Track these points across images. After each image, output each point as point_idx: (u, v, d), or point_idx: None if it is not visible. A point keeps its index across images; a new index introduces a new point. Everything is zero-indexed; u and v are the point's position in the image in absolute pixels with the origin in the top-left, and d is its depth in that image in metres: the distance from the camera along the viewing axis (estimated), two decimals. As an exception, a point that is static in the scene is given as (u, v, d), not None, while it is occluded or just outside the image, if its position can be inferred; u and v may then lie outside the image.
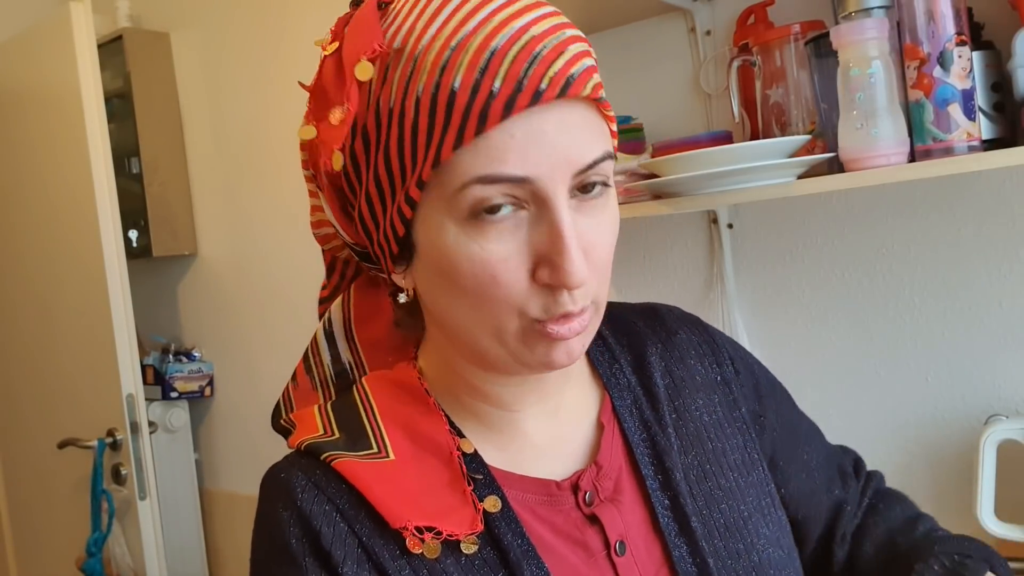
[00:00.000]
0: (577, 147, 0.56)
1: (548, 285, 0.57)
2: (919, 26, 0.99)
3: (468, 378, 0.66)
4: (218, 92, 2.26)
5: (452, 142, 0.54)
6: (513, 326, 0.59)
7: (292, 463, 0.64)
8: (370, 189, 0.60)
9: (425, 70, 0.55)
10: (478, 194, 0.55)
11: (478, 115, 0.54)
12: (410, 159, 0.57)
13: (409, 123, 0.56)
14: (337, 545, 0.59)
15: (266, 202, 2.18)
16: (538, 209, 0.57)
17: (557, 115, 0.56)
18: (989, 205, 1.24)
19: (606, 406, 0.71)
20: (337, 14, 0.67)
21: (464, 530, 0.60)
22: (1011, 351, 1.25)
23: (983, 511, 1.16)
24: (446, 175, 0.56)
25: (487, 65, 0.54)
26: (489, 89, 0.54)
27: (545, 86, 0.54)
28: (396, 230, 0.60)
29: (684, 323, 0.78)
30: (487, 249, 0.56)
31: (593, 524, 0.65)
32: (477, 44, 0.54)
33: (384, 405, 0.66)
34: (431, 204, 0.58)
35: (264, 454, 0.66)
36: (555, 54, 0.55)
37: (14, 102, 2.27)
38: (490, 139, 0.54)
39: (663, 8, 1.41)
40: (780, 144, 1.10)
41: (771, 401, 0.79)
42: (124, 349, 2.05)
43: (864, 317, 1.35)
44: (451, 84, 0.54)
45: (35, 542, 2.48)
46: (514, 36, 0.55)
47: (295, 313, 2.13)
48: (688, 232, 1.51)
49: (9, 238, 2.37)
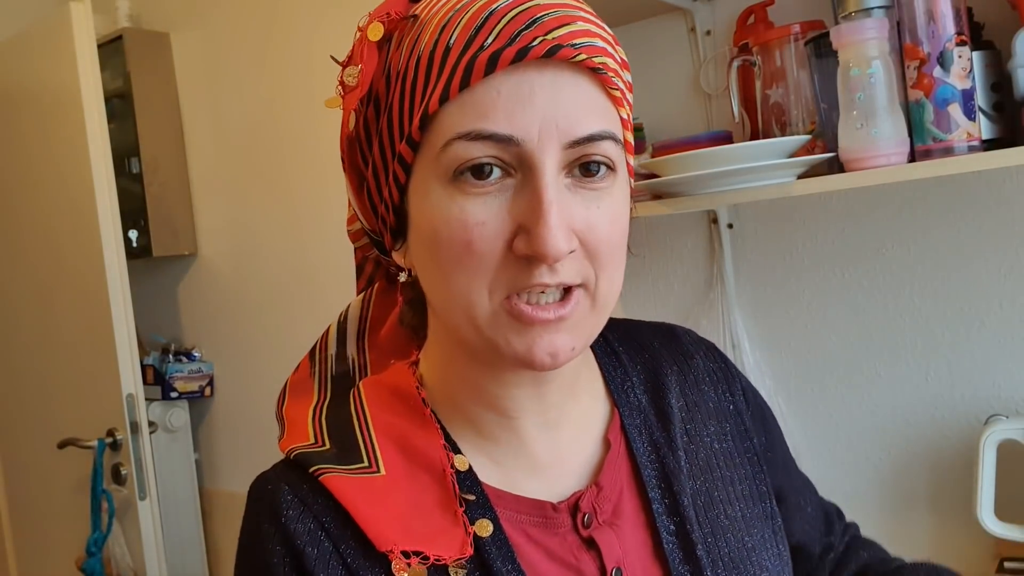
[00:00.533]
0: (568, 115, 0.54)
1: (524, 256, 0.54)
2: (919, 26, 0.99)
3: (464, 372, 0.63)
4: (218, 92, 2.26)
5: (439, 95, 0.54)
6: (484, 306, 0.56)
7: (280, 474, 0.62)
8: (376, 156, 0.60)
9: (428, 30, 0.56)
10: (461, 152, 0.54)
11: (464, 67, 0.53)
12: (407, 117, 0.56)
13: (408, 81, 0.56)
14: (320, 567, 0.57)
15: (266, 202, 2.18)
16: (524, 176, 0.54)
17: (549, 78, 0.54)
18: (989, 205, 1.24)
19: (615, 423, 0.68)
20: (336, 13, 0.67)
21: (453, 554, 0.58)
22: (1011, 351, 1.24)
23: (983, 511, 1.16)
24: (433, 133, 0.55)
25: (483, 22, 0.54)
26: (480, 44, 0.53)
27: (535, 44, 0.53)
28: (392, 197, 0.59)
29: (700, 347, 0.76)
30: (466, 210, 0.54)
31: (590, 549, 0.62)
32: (479, 5, 0.55)
33: (378, 417, 0.64)
34: (421, 167, 0.57)
35: (264, 454, 0.66)
36: (558, 23, 0.54)
37: (14, 102, 2.27)
38: (475, 94, 0.53)
39: (663, 8, 1.41)
40: (780, 144, 1.10)
41: (777, 441, 0.77)
42: (124, 349, 2.05)
43: (864, 317, 1.35)
44: (447, 40, 0.54)
45: (35, 542, 2.48)
46: (516, 2, 0.55)
47: (295, 313, 2.13)
48: (688, 232, 1.51)
49: (9, 238, 2.37)
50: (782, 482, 0.75)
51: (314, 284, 2.07)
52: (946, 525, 1.31)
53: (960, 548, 1.29)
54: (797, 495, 0.78)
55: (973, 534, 1.22)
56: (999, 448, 1.16)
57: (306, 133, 2.05)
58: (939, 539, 1.32)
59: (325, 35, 1.95)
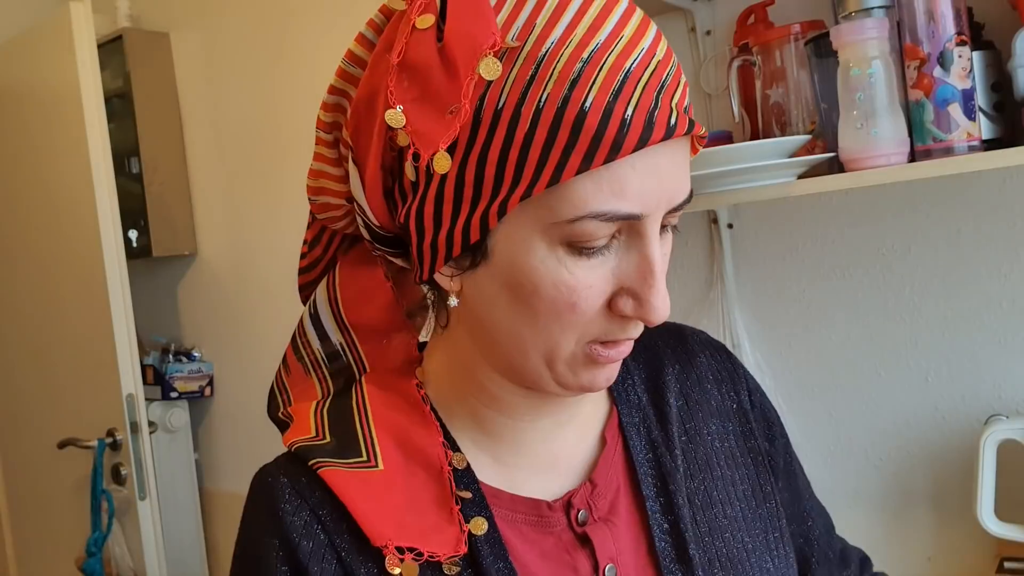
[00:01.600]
0: (680, 184, 0.55)
1: (624, 316, 0.56)
2: (919, 26, 0.99)
3: (487, 385, 0.63)
4: (218, 92, 2.26)
5: (578, 165, 0.51)
6: (568, 350, 0.57)
7: (280, 467, 0.62)
8: (445, 189, 0.55)
9: (552, 79, 0.51)
10: (589, 229, 0.53)
11: (611, 144, 0.51)
12: (514, 171, 0.52)
13: (523, 132, 0.51)
14: (315, 560, 0.58)
15: (266, 202, 2.18)
16: (629, 239, 0.55)
17: (671, 150, 0.54)
18: (989, 205, 1.24)
19: (613, 421, 0.69)
20: (336, 13, 0.65)
21: (447, 551, 0.58)
22: (1011, 351, 1.24)
23: (983, 511, 1.16)
24: (555, 197, 0.52)
25: (620, 88, 0.51)
26: (622, 116, 0.51)
27: (675, 122, 0.53)
28: (469, 236, 0.55)
29: (707, 347, 0.76)
30: (576, 276, 0.54)
31: (584, 546, 0.63)
32: (611, 63, 0.51)
33: (379, 411, 0.64)
34: (524, 219, 0.54)
35: (264, 454, 0.66)
36: (675, 84, 0.54)
37: (14, 102, 2.27)
38: (613, 170, 0.52)
39: (663, 8, 1.41)
40: (780, 144, 1.10)
41: (781, 451, 0.76)
42: (124, 349, 2.05)
43: (864, 317, 1.35)
44: (582, 102, 0.50)
45: (35, 542, 2.48)
46: (644, 59, 0.52)
47: (295, 313, 2.12)
48: (688, 232, 1.51)
49: (9, 238, 2.37)
50: (783, 493, 0.74)
51: (314, 284, 2.06)
52: (946, 525, 1.31)
53: (960, 548, 1.29)
54: (802, 514, 0.77)
55: (973, 534, 1.22)
56: (999, 448, 1.16)
57: (306, 133, 2.03)
58: (939, 539, 1.32)
59: (325, 35, 1.95)
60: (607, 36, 0.52)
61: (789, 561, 0.69)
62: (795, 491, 0.76)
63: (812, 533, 0.77)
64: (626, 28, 0.53)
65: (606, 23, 0.52)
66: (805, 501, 0.77)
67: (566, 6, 0.52)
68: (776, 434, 0.76)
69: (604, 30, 0.52)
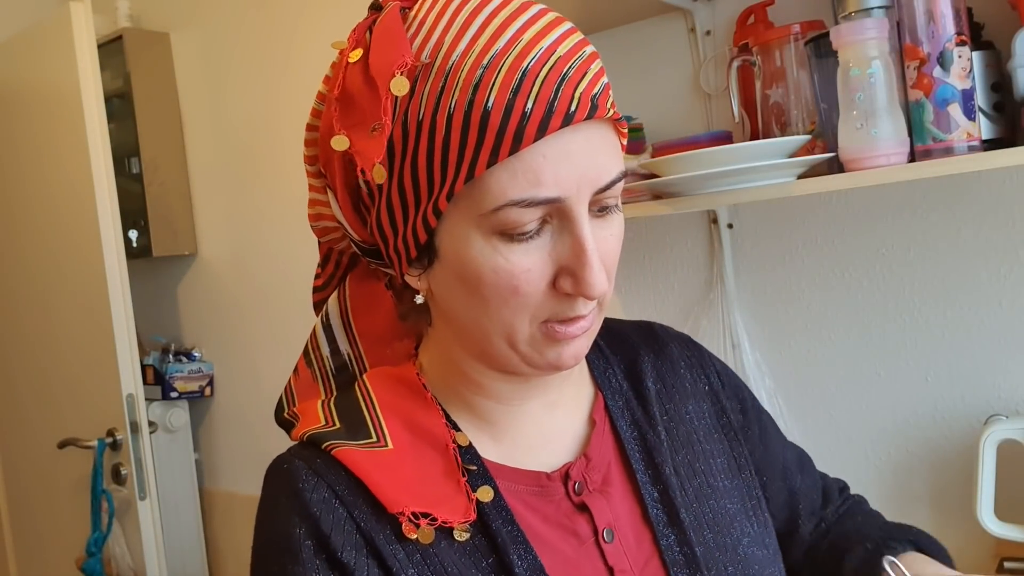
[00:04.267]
0: (599, 166, 0.59)
1: (568, 294, 0.60)
2: (919, 26, 0.99)
3: (471, 374, 0.68)
4: (218, 92, 2.26)
5: (486, 160, 0.57)
6: (526, 331, 0.62)
7: (294, 453, 0.66)
8: (392, 198, 0.62)
9: (457, 87, 0.57)
10: (512, 217, 0.58)
11: (512, 135, 0.56)
12: (439, 173, 0.58)
13: (440, 138, 0.57)
14: (337, 531, 0.61)
15: (266, 202, 2.18)
16: (561, 222, 0.60)
17: (583, 135, 0.58)
18: (989, 205, 1.24)
19: (598, 404, 0.74)
20: (335, 13, 0.67)
21: (458, 518, 0.62)
22: (1011, 351, 1.24)
23: (983, 511, 1.16)
24: (477, 191, 0.58)
25: (519, 86, 0.56)
26: (522, 110, 0.56)
27: (575, 108, 0.57)
28: (418, 237, 0.62)
29: (675, 338, 0.83)
30: (512, 261, 0.59)
31: (582, 512, 0.68)
32: (509, 64, 0.57)
33: (384, 398, 0.68)
34: (458, 215, 0.60)
35: (264, 453, 0.67)
36: (579, 75, 0.58)
37: (14, 102, 2.27)
38: (523, 159, 0.57)
39: (663, 8, 1.41)
40: (780, 144, 1.10)
41: (754, 420, 0.82)
42: (124, 349, 2.05)
43: (864, 317, 1.35)
44: (484, 103, 0.56)
45: (35, 542, 2.48)
46: (543, 56, 0.57)
47: (295, 313, 2.13)
48: (688, 232, 1.51)
49: (9, 238, 2.37)
50: (762, 457, 0.81)
51: (314, 284, 2.06)
52: (946, 525, 1.31)
53: (960, 548, 1.29)
54: (782, 470, 0.83)
55: (973, 534, 1.22)
56: (999, 448, 1.16)
57: (306, 133, 2.04)
58: (939, 539, 1.32)
59: (325, 35, 1.95)
60: (506, 42, 0.57)
61: (767, 526, 0.75)
62: (772, 452, 0.82)
63: (795, 484, 0.83)
64: (527, 32, 0.58)
65: (507, 31, 0.58)
66: (782, 460, 0.83)
67: (471, 22, 0.58)
68: (748, 407, 0.82)
69: (504, 37, 0.57)
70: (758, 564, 0.71)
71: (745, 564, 0.70)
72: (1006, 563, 1.20)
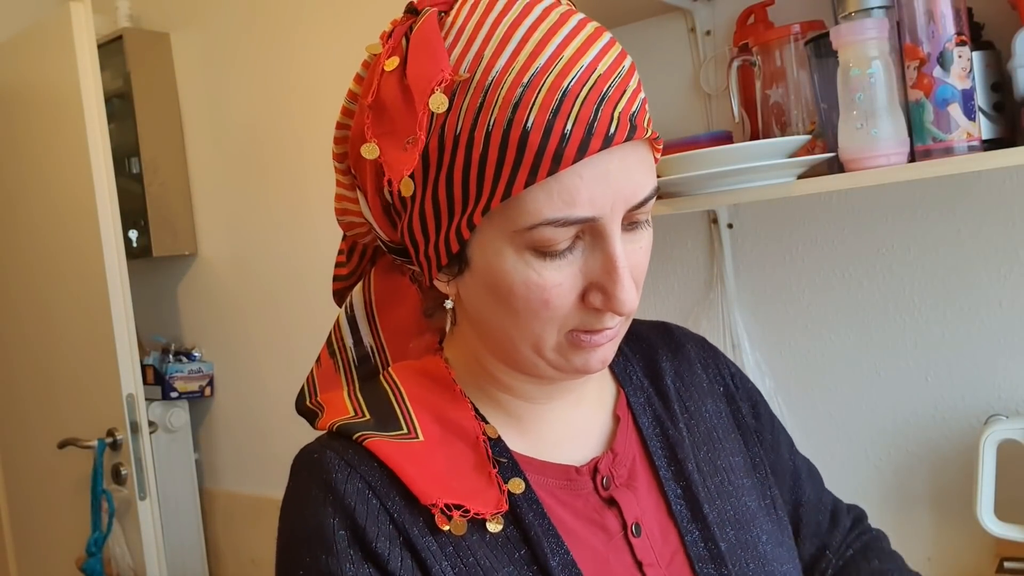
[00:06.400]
0: (634, 185, 0.60)
1: (598, 309, 0.61)
2: (919, 26, 0.99)
3: (496, 374, 0.69)
4: (218, 92, 2.26)
5: (524, 179, 0.57)
6: (552, 340, 0.63)
7: (324, 444, 0.66)
8: (425, 207, 0.62)
9: (497, 104, 0.57)
10: (547, 235, 0.58)
11: (552, 157, 0.56)
12: (475, 188, 0.59)
13: (477, 154, 0.58)
14: (371, 522, 0.61)
15: (266, 202, 2.18)
16: (593, 239, 0.60)
17: (620, 155, 0.59)
18: (989, 205, 1.24)
19: (621, 401, 0.75)
20: (335, 13, 0.67)
21: (490, 509, 0.63)
22: (1011, 351, 1.24)
23: (983, 511, 1.16)
24: (513, 208, 0.58)
25: (559, 106, 0.56)
26: (561, 131, 0.56)
27: (614, 130, 0.57)
28: (450, 247, 0.62)
29: (691, 338, 0.84)
30: (544, 276, 0.60)
31: (611, 507, 0.68)
32: (550, 83, 0.56)
33: (413, 392, 0.69)
34: (491, 229, 0.60)
35: (265, 453, 0.67)
36: (619, 94, 0.58)
37: (14, 102, 2.27)
38: (561, 180, 0.57)
39: (663, 8, 1.41)
40: (780, 144, 1.10)
41: (767, 426, 0.82)
42: (124, 349, 2.05)
43: (864, 317, 1.35)
44: (524, 122, 0.56)
45: (35, 542, 2.48)
46: (583, 76, 0.57)
47: (295, 313, 2.13)
48: (688, 232, 1.51)
49: (9, 238, 2.37)
50: (773, 463, 0.81)
51: (314, 284, 2.07)
52: (946, 525, 1.31)
53: (960, 548, 1.30)
54: (791, 478, 0.82)
55: (973, 534, 1.22)
56: (999, 448, 1.16)
57: (306, 133, 2.05)
58: (939, 539, 1.32)
59: (325, 35, 1.95)
60: (547, 59, 0.57)
61: (783, 525, 0.76)
62: (782, 459, 0.83)
63: (801, 496, 0.83)
64: (567, 49, 0.58)
65: (547, 47, 0.57)
66: (792, 467, 0.83)
67: (511, 36, 0.58)
68: (760, 411, 0.83)
69: (544, 54, 0.57)
70: (777, 561, 0.71)
71: (765, 561, 0.71)
72: (1006, 563, 1.21)
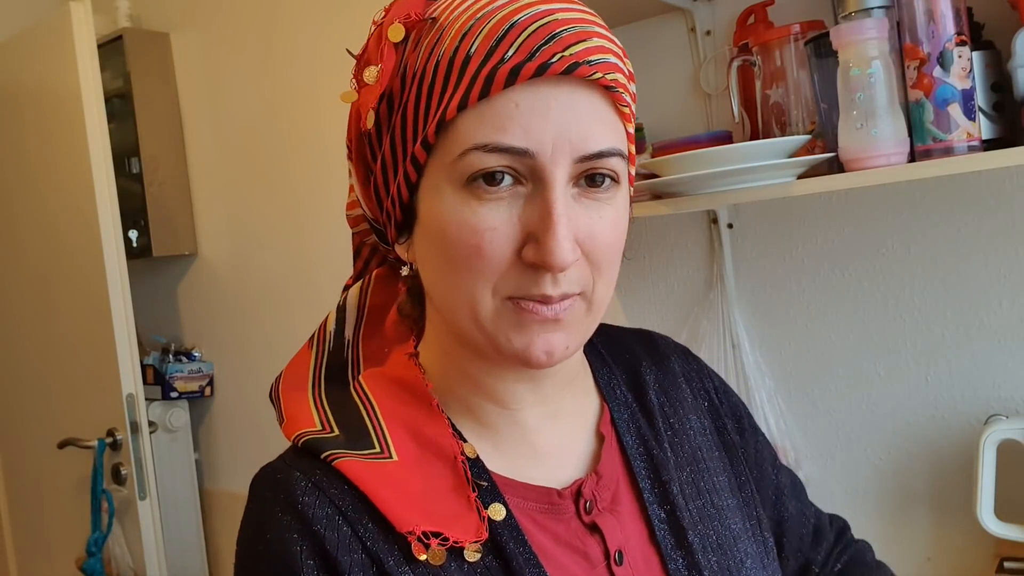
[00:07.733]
0: (582, 131, 0.56)
1: (532, 264, 0.56)
2: (919, 26, 0.99)
3: (464, 366, 0.65)
4: (218, 92, 2.26)
5: (457, 103, 0.55)
6: (487, 304, 0.58)
7: (290, 463, 0.61)
8: (386, 153, 0.61)
9: (449, 36, 0.56)
10: (476, 161, 0.55)
11: (484, 79, 0.54)
12: (422, 120, 0.57)
13: (426, 85, 0.57)
14: (342, 551, 0.57)
15: (266, 202, 2.18)
16: (535, 187, 0.57)
17: (566, 94, 0.56)
18: (989, 205, 1.24)
19: (605, 417, 0.71)
20: (336, 13, 0.68)
21: (469, 537, 0.59)
22: (1011, 351, 1.24)
23: (983, 511, 1.16)
24: (449, 139, 0.56)
25: (504, 34, 0.55)
26: (501, 56, 0.55)
27: (555, 61, 0.55)
28: (402, 195, 0.61)
29: (675, 350, 0.80)
30: (478, 215, 0.56)
31: (593, 533, 0.64)
32: (500, 16, 0.56)
33: (386, 405, 0.65)
34: (434, 170, 0.58)
35: (265, 453, 0.66)
36: (576, 39, 0.56)
37: (14, 102, 2.27)
38: (494, 105, 0.55)
39: (663, 8, 1.41)
40: (780, 144, 1.10)
41: (751, 441, 0.79)
42: (124, 349, 2.05)
43: (864, 317, 1.35)
44: (468, 48, 0.55)
45: (35, 542, 2.48)
46: (537, 15, 0.56)
47: (295, 313, 2.13)
48: (688, 232, 1.51)
49: (9, 238, 2.37)
50: (756, 480, 0.77)
51: (314, 284, 2.07)
52: (946, 525, 1.31)
53: (960, 548, 1.29)
54: (774, 495, 0.79)
55: (973, 534, 1.22)
56: (999, 448, 1.16)
57: (306, 133, 2.05)
58: (939, 539, 1.32)
59: (325, 35, 1.95)
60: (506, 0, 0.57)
61: (768, 546, 0.73)
62: (766, 475, 0.79)
63: (784, 513, 0.80)
64: None
65: None
66: (775, 483, 0.80)
67: None
68: (744, 426, 0.79)
69: None
70: None
71: None
72: (1006, 563, 1.20)
